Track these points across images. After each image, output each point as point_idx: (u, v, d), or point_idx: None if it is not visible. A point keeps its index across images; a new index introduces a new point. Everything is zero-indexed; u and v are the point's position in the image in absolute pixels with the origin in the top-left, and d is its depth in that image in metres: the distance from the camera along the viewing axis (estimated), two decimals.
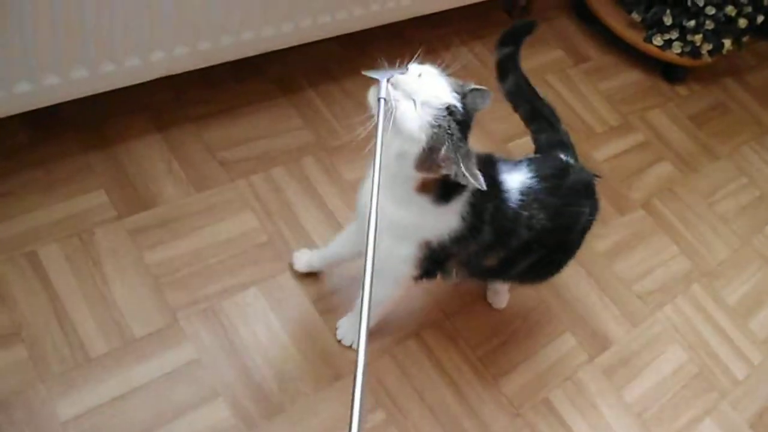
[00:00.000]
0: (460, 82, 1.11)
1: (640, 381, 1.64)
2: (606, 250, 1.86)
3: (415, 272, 1.27)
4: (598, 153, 2.10)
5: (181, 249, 1.49)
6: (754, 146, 2.39)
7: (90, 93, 1.43)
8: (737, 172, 2.27)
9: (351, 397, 0.61)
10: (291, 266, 1.52)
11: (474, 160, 1.05)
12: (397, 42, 2.08)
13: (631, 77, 2.43)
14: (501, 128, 1.99)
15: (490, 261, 1.29)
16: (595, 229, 1.87)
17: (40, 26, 1.23)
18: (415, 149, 1.04)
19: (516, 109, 1.47)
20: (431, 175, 1.08)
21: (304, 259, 1.51)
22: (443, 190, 1.12)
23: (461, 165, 1.02)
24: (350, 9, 1.72)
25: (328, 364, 1.42)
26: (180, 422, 1.28)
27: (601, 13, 2.42)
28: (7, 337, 1.28)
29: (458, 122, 1.05)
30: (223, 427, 1.29)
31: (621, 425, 1.54)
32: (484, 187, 1.03)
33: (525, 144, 1.55)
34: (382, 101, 0.99)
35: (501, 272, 1.37)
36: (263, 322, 1.44)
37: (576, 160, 1.41)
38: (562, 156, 1.37)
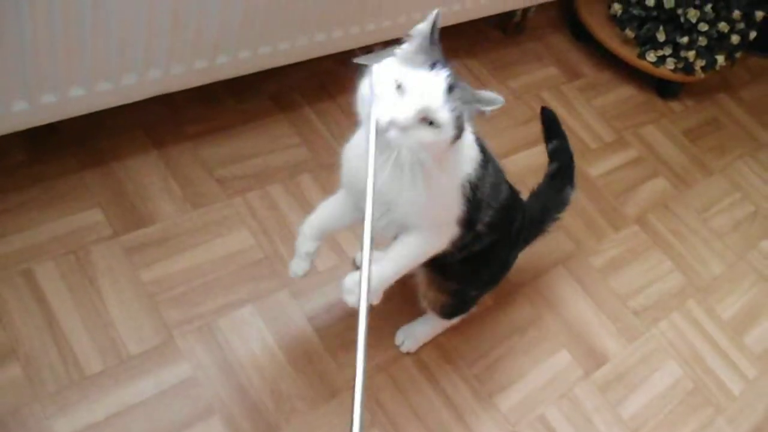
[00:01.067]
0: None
1: (636, 397, 1.64)
2: (601, 266, 1.87)
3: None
4: (593, 169, 2.11)
5: (177, 266, 1.49)
6: (748, 161, 2.40)
7: (87, 111, 1.44)
8: (731, 187, 2.28)
9: (350, 412, 0.61)
10: (290, 277, 1.39)
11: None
12: None
13: (624, 93, 2.44)
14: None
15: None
16: (591, 244, 1.91)
17: (37, 45, 1.24)
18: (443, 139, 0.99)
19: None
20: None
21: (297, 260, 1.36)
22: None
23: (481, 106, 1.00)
24: (346, 28, 1.73)
25: (324, 381, 1.42)
26: None
27: (595, 30, 2.44)
28: (2, 355, 1.28)
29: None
30: None
31: None
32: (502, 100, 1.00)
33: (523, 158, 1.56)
34: (373, 126, 0.95)
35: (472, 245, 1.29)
36: (259, 340, 1.44)
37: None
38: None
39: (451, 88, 0.97)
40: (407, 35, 1.03)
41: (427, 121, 0.96)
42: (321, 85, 1.96)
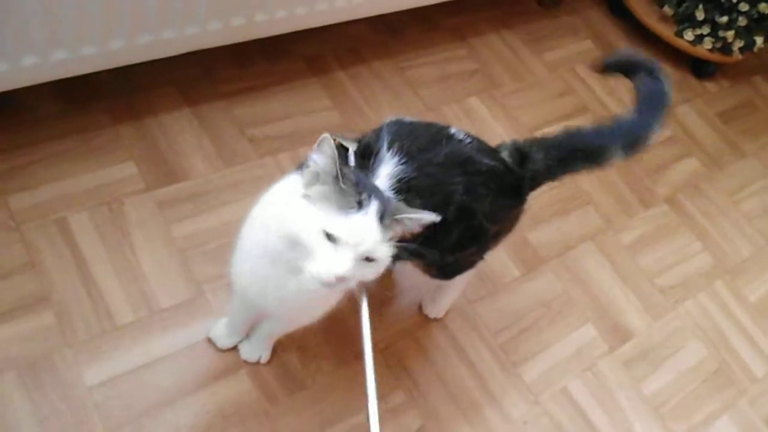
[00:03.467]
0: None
1: (659, 375, 1.63)
2: (630, 243, 1.86)
3: None
4: None
5: (208, 223, 1.49)
6: None
7: (124, 63, 1.44)
8: (764, 170, 2.25)
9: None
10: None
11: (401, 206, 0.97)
12: (427, 26, 2.08)
13: None
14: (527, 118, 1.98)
15: None
16: (621, 221, 1.89)
17: None
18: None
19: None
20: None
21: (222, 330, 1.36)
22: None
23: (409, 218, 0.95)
24: None
25: (350, 342, 1.43)
26: (203, 392, 1.29)
27: (633, 6, 2.40)
28: (36, 302, 1.30)
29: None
30: (245, 400, 1.31)
31: (638, 418, 1.54)
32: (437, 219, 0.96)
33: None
34: (364, 300, 1.02)
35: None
36: None
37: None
38: (452, 130, 1.21)
39: (382, 217, 0.91)
40: (305, 164, 0.95)
41: (368, 259, 0.92)
42: (354, 49, 1.94)
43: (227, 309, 1.37)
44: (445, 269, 1.35)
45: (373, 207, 0.91)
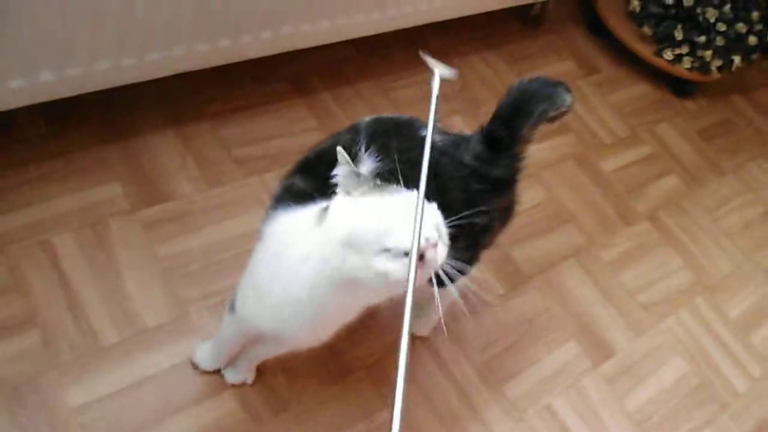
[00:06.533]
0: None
1: (642, 390, 1.65)
2: (612, 260, 1.88)
3: None
4: (606, 163, 2.12)
5: (193, 243, 1.50)
6: (760, 163, 2.41)
7: (110, 85, 1.45)
8: (743, 187, 2.29)
9: (358, 392, 0.61)
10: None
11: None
12: (412, 47, 2.10)
13: (640, 90, 2.45)
14: None
15: None
16: (602, 238, 1.91)
17: (66, 16, 1.25)
18: None
19: None
20: None
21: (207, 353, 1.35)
22: None
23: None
24: (368, 12, 1.74)
25: (336, 360, 1.44)
26: (187, 413, 1.29)
27: (613, 26, 2.44)
28: (20, 323, 1.30)
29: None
30: (231, 422, 1.31)
31: None
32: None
33: (537, 151, 1.56)
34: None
35: None
36: None
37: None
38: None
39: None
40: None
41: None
42: (339, 70, 1.96)
43: (213, 332, 1.37)
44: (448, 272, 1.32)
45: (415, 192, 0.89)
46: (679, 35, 2.32)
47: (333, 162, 0.94)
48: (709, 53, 2.31)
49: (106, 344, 1.32)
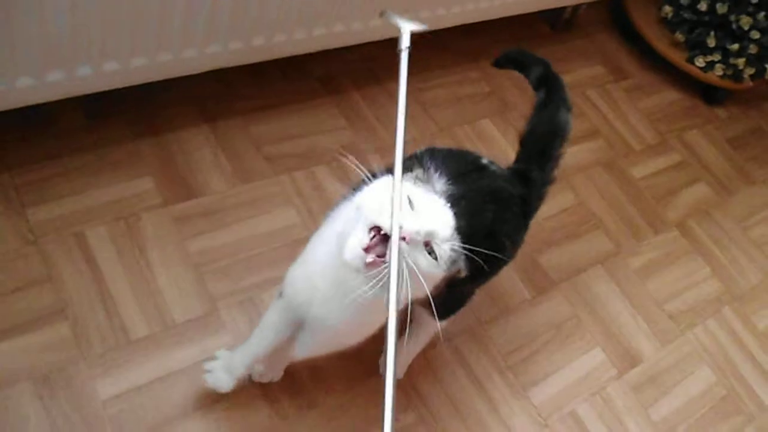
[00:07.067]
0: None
1: (668, 400, 1.64)
2: (639, 268, 1.86)
3: None
4: (636, 170, 2.11)
5: (223, 239, 1.51)
6: None
7: (146, 81, 1.46)
8: None
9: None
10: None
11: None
12: (440, 48, 2.10)
13: (670, 97, 2.43)
14: None
15: None
16: (630, 246, 1.90)
17: (105, 13, 1.26)
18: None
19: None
20: None
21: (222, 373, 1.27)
22: None
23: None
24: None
25: (361, 360, 1.44)
26: (215, 408, 1.30)
27: (644, 31, 2.42)
28: (52, 314, 1.31)
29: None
30: (257, 418, 1.32)
31: None
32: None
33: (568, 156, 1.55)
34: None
35: None
36: None
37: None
38: (484, 159, 1.26)
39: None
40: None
41: (428, 248, 0.90)
42: (369, 69, 1.97)
43: (240, 329, 1.38)
44: (448, 303, 1.29)
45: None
46: (711, 42, 2.29)
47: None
48: (741, 61, 2.29)
49: (135, 337, 1.33)
